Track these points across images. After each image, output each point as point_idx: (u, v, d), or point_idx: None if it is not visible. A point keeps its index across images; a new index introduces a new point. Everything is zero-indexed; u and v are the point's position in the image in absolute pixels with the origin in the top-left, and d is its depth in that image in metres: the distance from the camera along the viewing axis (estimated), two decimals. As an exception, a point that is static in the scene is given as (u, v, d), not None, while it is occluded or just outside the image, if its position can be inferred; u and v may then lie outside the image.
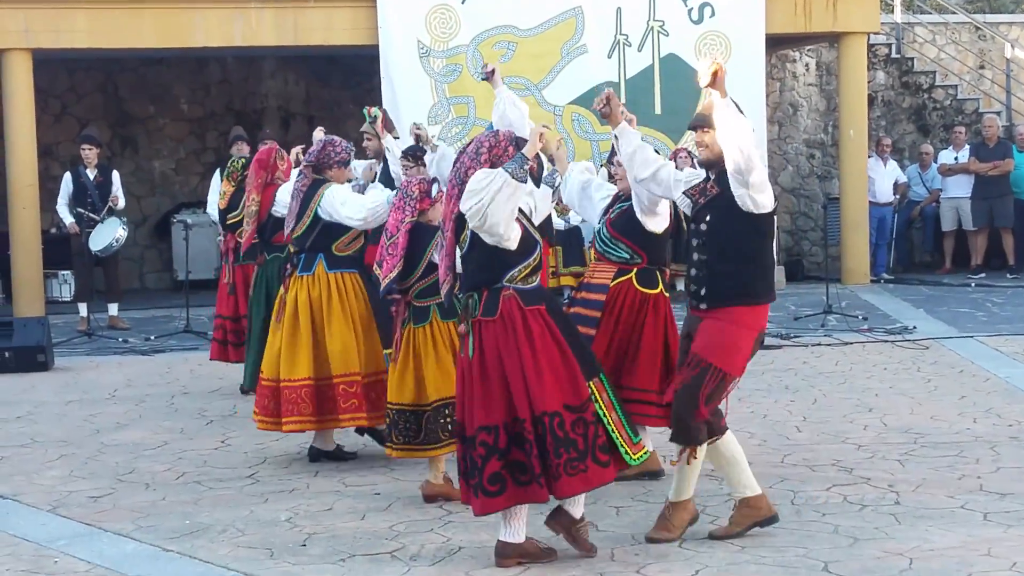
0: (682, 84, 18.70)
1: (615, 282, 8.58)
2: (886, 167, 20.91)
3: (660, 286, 8.63)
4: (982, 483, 8.39)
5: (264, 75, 22.19)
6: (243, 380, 11.77)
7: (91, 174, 16.77)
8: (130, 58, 20.87)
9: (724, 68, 7.00)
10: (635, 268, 8.58)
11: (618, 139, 7.77)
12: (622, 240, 8.58)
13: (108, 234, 16.33)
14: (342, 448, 9.57)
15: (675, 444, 7.29)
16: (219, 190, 12.94)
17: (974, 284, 19.53)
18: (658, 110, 18.68)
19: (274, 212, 10.46)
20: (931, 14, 23.73)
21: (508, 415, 6.81)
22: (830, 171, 22.25)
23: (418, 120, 13.72)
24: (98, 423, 11.14)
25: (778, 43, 20.57)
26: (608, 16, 18.76)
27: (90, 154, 16.85)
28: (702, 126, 7.23)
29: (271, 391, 9.26)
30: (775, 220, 7.34)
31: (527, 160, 6.87)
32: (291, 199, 9.35)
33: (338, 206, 9.06)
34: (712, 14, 18.89)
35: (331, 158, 9.28)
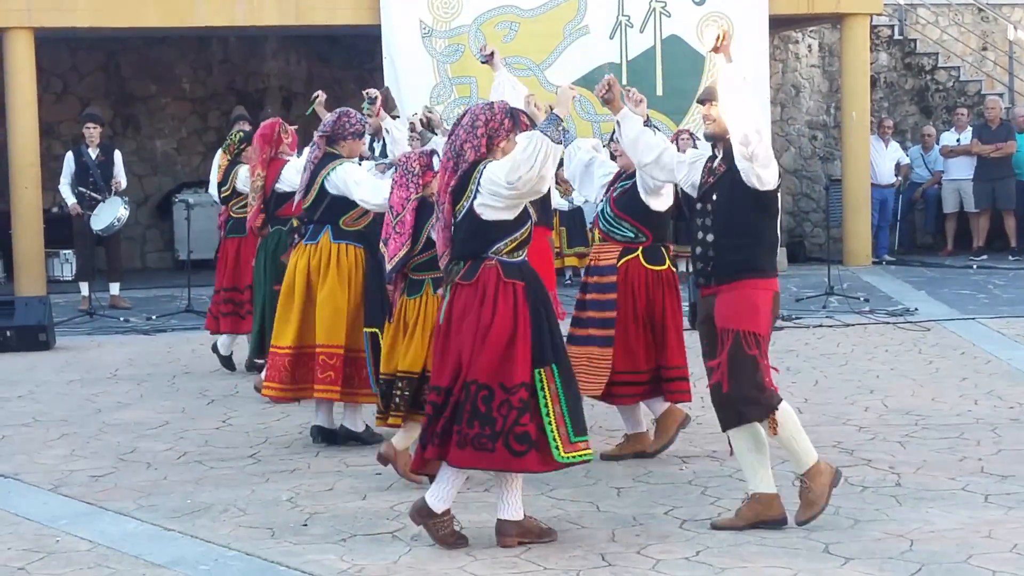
0: (684, 65, 18.71)
1: (622, 261, 8.60)
2: (887, 148, 20.89)
3: (667, 262, 8.67)
4: (983, 465, 8.40)
5: (266, 55, 22.16)
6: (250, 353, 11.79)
7: (93, 153, 16.75)
8: (132, 37, 20.82)
9: (730, 34, 7.07)
10: (640, 246, 8.61)
11: (620, 125, 7.78)
12: (626, 219, 8.59)
13: (110, 213, 16.30)
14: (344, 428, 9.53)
15: (729, 430, 7.17)
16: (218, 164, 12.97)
17: (976, 266, 19.51)
18: (659, 91, 18.63)
19: (277, 188, 10.46)
20: (934, -5, 23.72)
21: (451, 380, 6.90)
22: (832, 152, 22.22)
23: (422, 102, 13.67)
24: (99, 402, 11.15)
25: (781, 24, 20.52)
26: (610, -4, 18.77)
27: (94, 133, 16.83)
28: (710, 99, 7.29)
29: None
30: (779, 198, 7.33)
31: (561, 121, 6.88)
32: (302, 171, 9.35)
33: (352, 186, 9.01)
34: (715, -6, 18.88)
35: (345, 129, 9.27)
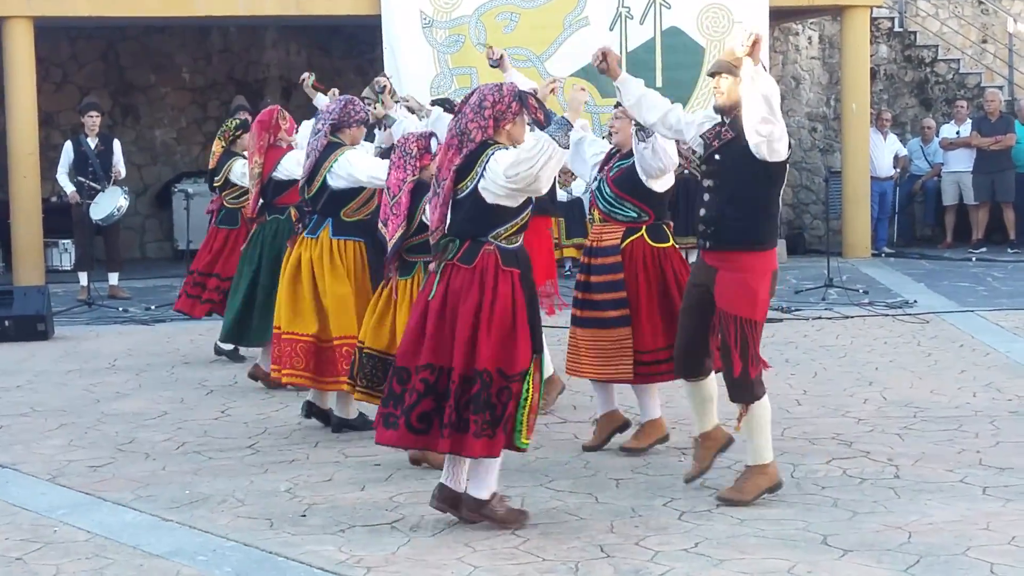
0: (683, 57, 18.67)
1: (626, 242, 8.58)
2: (885, 141, 20.88)
3: (671, 239, 8.67)
4: (981, 457, 8.40)
5: (266, 44, 22.14)
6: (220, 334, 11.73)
7: (92, 143, 16.74)
8: (132, 26, 20.82)
9: (761, 38, 7.23)
10: (644, 225, 8.60)
11: (620, 90, 7.80)
12: (627, 199, 8.57)
13: (110, 203, 16.27)
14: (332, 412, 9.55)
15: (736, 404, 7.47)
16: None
17: (975, 258, 19.51)
18: (659, 82, 18.57)
19: (275, 176, 10.46)
20: (934, -13, 23.70)
21: (449, 362, 6.90)
22: (832, 144, 22.22)
23: (422, 92, 13.60)
24: (98, 392, 11.15)
25: (781, 16, 20.50)
26: (610, -13, 18.72)
27: (96, 121, 16.82)
28: (719, 72, 7.42)
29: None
30: (787, 168, 7.43)
31: (571, 126, 6.91)
32: (306, 158, 9.36)
33: (357, 169, 9.05)
34: (715, -15, 18.84)
35: (351, 117, 9.33)
